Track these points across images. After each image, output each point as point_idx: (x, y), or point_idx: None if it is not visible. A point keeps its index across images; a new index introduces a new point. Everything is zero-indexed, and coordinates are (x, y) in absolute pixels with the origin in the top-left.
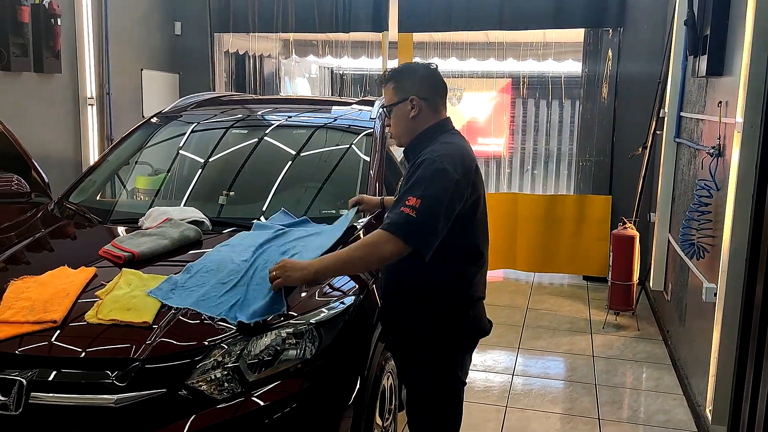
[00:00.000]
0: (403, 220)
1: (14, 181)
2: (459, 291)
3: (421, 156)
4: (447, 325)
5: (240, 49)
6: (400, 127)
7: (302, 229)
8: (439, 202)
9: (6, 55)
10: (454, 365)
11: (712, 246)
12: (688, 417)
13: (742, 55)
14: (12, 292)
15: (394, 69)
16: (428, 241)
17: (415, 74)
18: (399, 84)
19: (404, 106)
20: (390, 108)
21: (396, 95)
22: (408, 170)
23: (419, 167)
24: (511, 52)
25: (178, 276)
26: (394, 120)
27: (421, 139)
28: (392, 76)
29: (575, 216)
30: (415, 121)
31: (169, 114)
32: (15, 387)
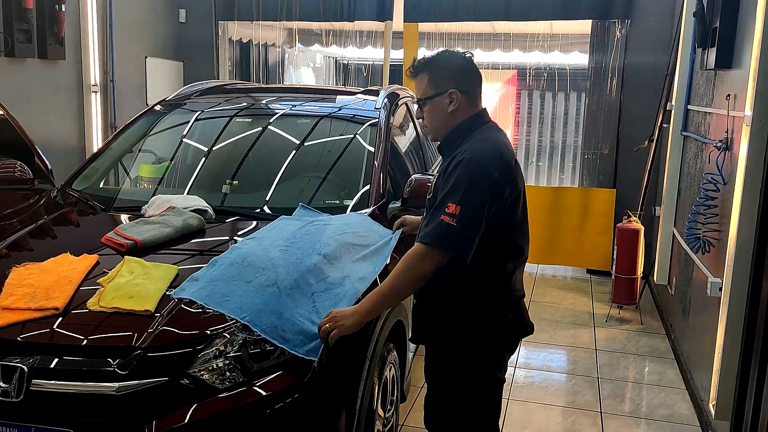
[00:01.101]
0: (443, 232)
1: (17, 167)
2: (499, 290)
3: (459, 154)
4: (487, 326)
5: (244, 37)
6: (435, 122)
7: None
8: (479, 205)
9: (10, 42)
10: (495, 366)
11: (717, 240)
12: (690, 412)
13: (752, 48)
14: (14, 278)
15: (427, 58)
16: (468, 245)
17: (452, 65)
18: (435, 76)
19: (441, 99)
20: (424, 101)
21: (432, 88)
22: (445, 168)
23: (457, 167)
24: (518, 44)
25: (201, 272)
26: (429, 114)
27: (457, 132)
28: (426, 66)
29: (579, 209)
30: (452, 115)
31: (173, 102)
32: (16, 374)
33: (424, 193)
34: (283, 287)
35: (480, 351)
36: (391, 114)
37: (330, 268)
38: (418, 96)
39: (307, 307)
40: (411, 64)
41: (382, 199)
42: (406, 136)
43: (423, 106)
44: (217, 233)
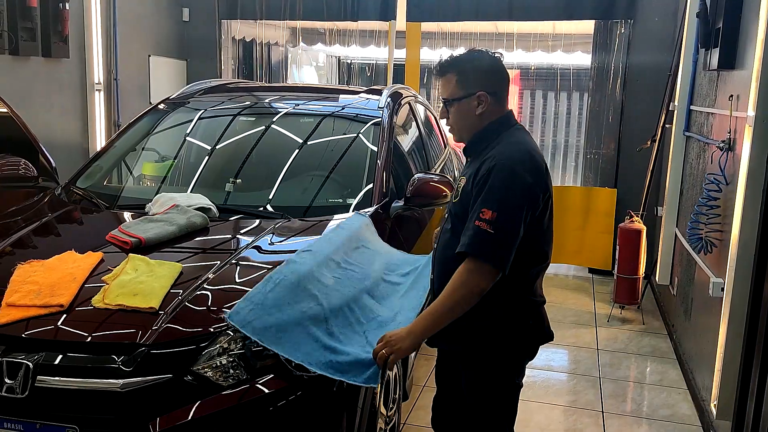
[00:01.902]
0: (480, 239)
1: (21, 165)
2: (522, 296)
3: (489, 158)
4: (509, 331)
5: (247, 36)
6: (462, 123)
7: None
8: (516, 212)
9: (14, 39)
10: (514, 372)
11: (720, 240)
12: (692, 411)
13: (755, 49)
14: (19, 275)
15: (456, 57)
16: (506, 255)
17: (482, 66)
18: (463, 77)
19: (469, 101)
20: (451, 102)
21: (460, 89)
22: (474, 172)
23: (490, 173)
24: (521, 43)
25: (256, 291)
26: (455, 115)
27: (484, 135)
28: (454, 66)
29: (581, 208)
30: (480, 118)
31: (177, 100)
32: (21, 370)
33: (426, 191)
34: (335, 325)
35: (500, 356)
36: (394, 113)
37: (380, 308)
38: (444, 96)
39: (360, 343)
40: (438, 62)
41: (385, 198)
42: (409, 135)
43: (449, 106)
44: (220, 231)
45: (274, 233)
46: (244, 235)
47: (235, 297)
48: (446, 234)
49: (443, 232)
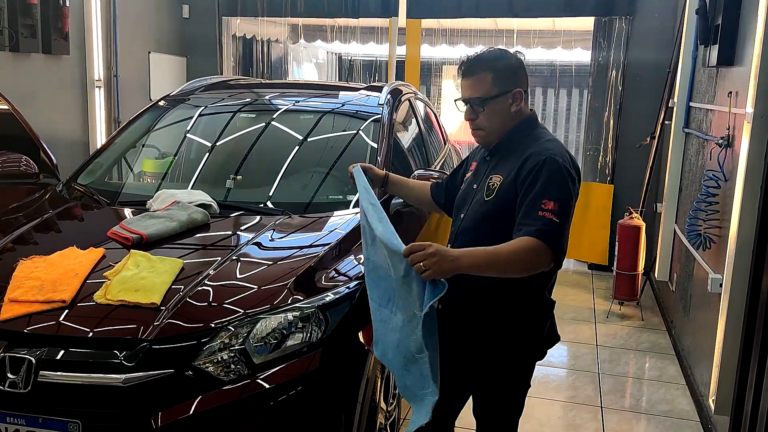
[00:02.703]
0: (551, 228)
1: (23, 161)
2: (541, 295)
3: (534, 154)
4: (527, 332)
5: (248, 33)
6: (495, 122)
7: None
8: (569, 204)
9: (15, 36)
10: (527, 374)
11: (718, 237)
12: (690, 407)
13: (754, 45)
14: (21, 271)
15: (485, 56)
16: (565, 245)
17: (514, 63)
18: (500, 74)
19: (505, 99)
20: (486, 101)
21: (496, 87)
22: (517, 169)
23: (542, 168)
24: (521, 40)
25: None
26: (490, 115)
27: (516, 133)
28: (487, 64)
29: (579, 203)
30: (512, 116)
31: (177, 97)
32: (24, 365)
33: None
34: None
35: (516, 355)
36: (394, 110)
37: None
38: (477, 95)
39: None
40: (467, 62)
41: (385, 194)
42: (409, 132)
43: (483, 105)
44: (221, 228)
45: (274, 230)
46: (244, 231)
47: (235, 293)
48: (467, 234)
49: (460, 233)
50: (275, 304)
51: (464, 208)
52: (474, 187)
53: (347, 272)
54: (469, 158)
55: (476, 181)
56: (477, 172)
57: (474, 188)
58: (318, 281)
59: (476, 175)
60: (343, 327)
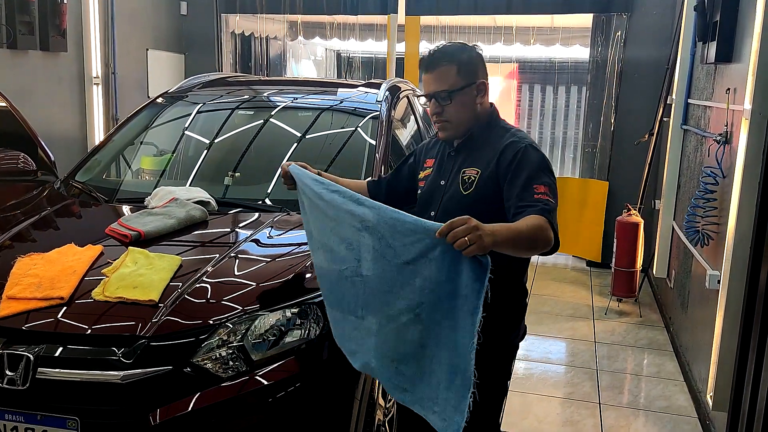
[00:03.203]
0: (550, 208)
1: (20, 159)
2: (520, 282)
3: (509, 144)
4: (511, 319)
5: (246, 30)
6: (463, 116)
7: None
8: (555, 189)
9: (12, 33)
10: (511, 362)
11: (716, 233)
12: (688, 403)
13: (752, 42)
14: (19, 268)
15: (449, 49)
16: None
17: (475, 55)
18: (464, 66)
19: (471, 91)
20: (453, 93)
21: (462, 79)
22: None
23: (523, 155)
24: (519, 37)
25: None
26: (457, 107)
27: (481, 127)
28: (451, 57)
29: (575, 199)
30: (479, 108)
31: (175, 94)
32: (22, 362)
33: None
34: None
35: (501, 343)
36: (393, 107)
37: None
38: (442, 88)
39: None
40: (428, 57)
41: None
42: (407, 129)
43: (450, 98)
44: (219, 225)
45: (272, 226)
46: (242, 228)
47: (233, 290)
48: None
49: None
50: (273, 301)
51: (433, 206)
52: (441, 184)
53: None
54: (417, 156)
55: (443, 178)
56: (440, 168)
57: (442, 185)
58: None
59: (440, 172)
60: None
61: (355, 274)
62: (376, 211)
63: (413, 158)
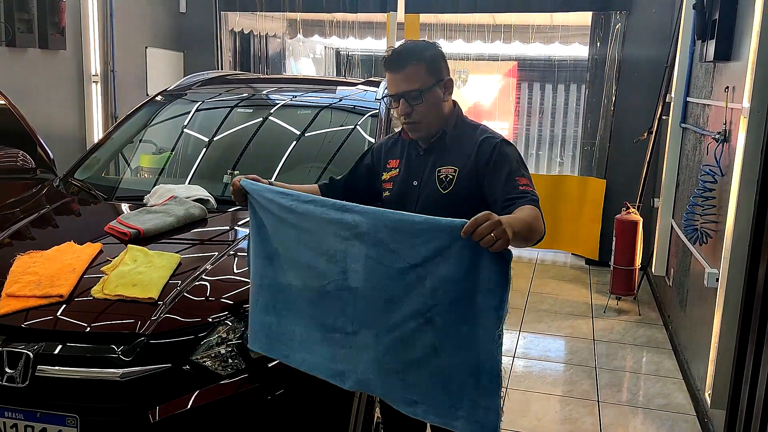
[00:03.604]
0: (537, 198)
1: (20, 156)
2: None
3: (483, 140)
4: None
5: (245, 28)
6: (432, 115)
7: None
8: (532, 181)
9: (11, 31)
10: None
11: (715, 231)
12: (687, 401)
13: (751, 41)
14: (19, 266)
15: (412, 48)
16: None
17: (439, 52)
18: (429, 64)
19: (438, 89)
20: (423, 92)
21: (430, 77)
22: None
23: (498, 150)
24: (518, 35)
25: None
26: (428, 106)
27: (450, 124)
28: (417, 56)
29: (573, 196)
30: (445, 106)
31: (174, 92)
32: (22, 360)
33: None
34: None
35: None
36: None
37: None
38: (412, 87)
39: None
40: (395, 56)
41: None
42: None
43: (421, 97)
44: (218, 223)
45: None
46: (241, 226)
47: (232, 288)
48: None
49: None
50: None
51: (408, 207)
52: (415, 184)
53: None
54: (374, 156)
55: (415, 178)
56: (409, 169)
57: (415, 185)
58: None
59: (410, 173)
60: None
61: (340, 287)
62: (370, 215)
63: (370, 158)
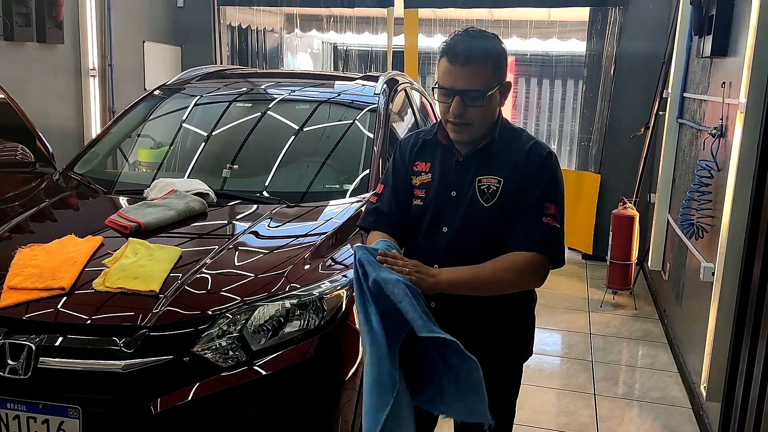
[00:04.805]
0: (555, 238)
1: (19, 150)
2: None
3: (532, 150)
4: (526, 330)
5: (243, 22)
6: (487, 118)
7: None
8: (563, 205)
9: (9, 25)
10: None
11: (711, 226)
12: (682, 394)
13: (747, 36)
14: (20, 259)
15: (484, 43)
16: (563, 246)
17: (505, 51)
18: (496, 64)
19: (497, 92)
20: (484, 93)
21: (495, 79)
22: (520, 168)
23: (543, 164)
24: (516, 30)
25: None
26: (482, 110)
27: (497, 130)
28: (488, 53)
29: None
30: (497, 110)
31: (173, 87)
32: (24, 352)
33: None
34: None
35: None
36: (390, 100)
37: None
38: (474, 87)
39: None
40: (466, 48)
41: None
42: (405, 122)
43: (481, 99)
44: (218, 216)
45: (271, 218)
46: (241, 220)
47: (233, 281)
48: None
49: (451, 249)
50: (273, 291)
51: (445, 221)
52: (453, 195)
53: (343, 261)
54: (402, 157)
55: (453, 188)
56: (445, 176)
57: (453, 195)
58: (314, 269)
59: (446, 181)
60: (339, 315)
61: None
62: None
63: (400, 163)
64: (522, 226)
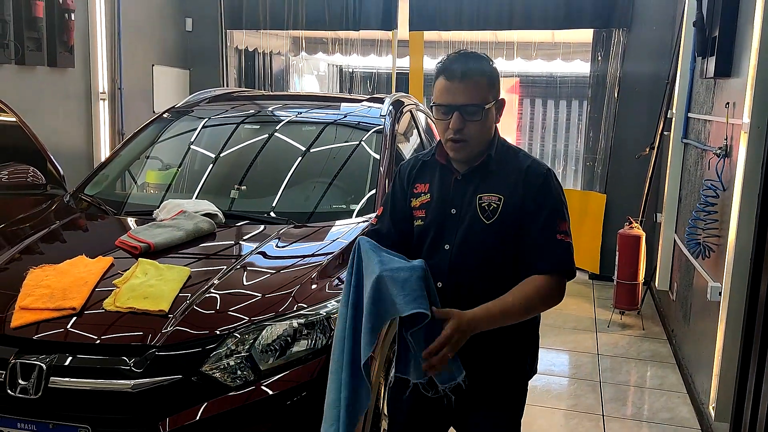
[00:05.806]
0: (569, 254)
1: (30, 173)
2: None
3: (531, 167)
4: (529, 354)
5: (250, 46)
6: (484, 134)
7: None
8: (569, 212)
9: (20, 49)
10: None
11: (717, 245)
12: (691, 414)
13: (750, 57)
14: (32, 279)
15: (478, 58)
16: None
17: (496, 69)
18: (491, 80)
19: (494, 108)
20: (482, 108)
21: (491, 94)
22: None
23: (547, 181)
24: (520, 52)
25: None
26: (480, 125)
27: (495, 147)
28: (484, 68)
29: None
30: (494, 127)
31: (181, 109)
32: (35, 372)
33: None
34: None
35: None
36: (396, 121)
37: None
38: (472, 102)
39: None
40: (462, 64)
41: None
42: (411, 143)
43: (479, 113)
44: (226, 237)
45: (278, 238)
46: (249, 240)
47: (241, 301)
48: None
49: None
50: (280, 311)
51: (446, 239)
52: (453, 213)
53: None
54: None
55: (452, 206)
56: (444, 195)
57: (453, 213)
58: (322, 289)
59: (446, 199)
60: None
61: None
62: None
63: (399, 188)
64: (538, 248)
